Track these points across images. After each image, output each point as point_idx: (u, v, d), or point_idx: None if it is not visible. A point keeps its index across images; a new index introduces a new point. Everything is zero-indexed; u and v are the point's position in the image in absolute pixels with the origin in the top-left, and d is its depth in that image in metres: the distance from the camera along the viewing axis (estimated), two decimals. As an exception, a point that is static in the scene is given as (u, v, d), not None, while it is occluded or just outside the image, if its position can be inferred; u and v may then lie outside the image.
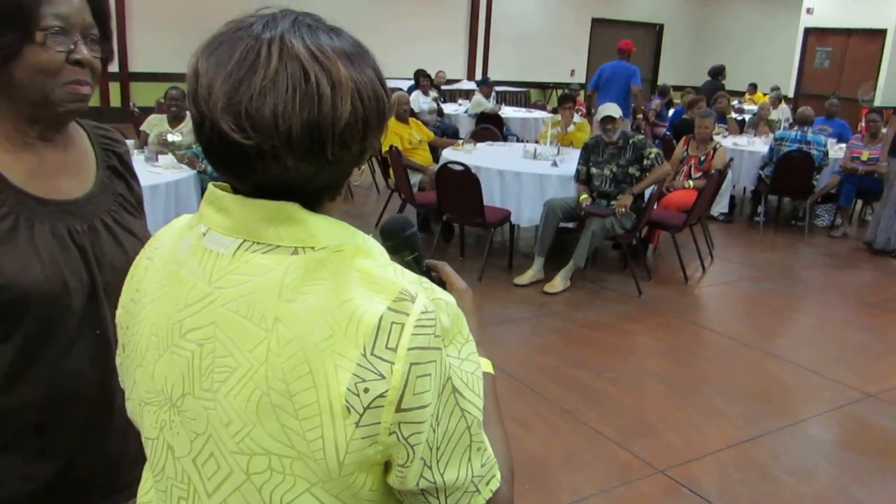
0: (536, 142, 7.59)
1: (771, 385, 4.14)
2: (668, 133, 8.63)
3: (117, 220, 1.25)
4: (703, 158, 6.61)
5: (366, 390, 0.73)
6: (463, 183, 5.35)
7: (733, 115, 10.79)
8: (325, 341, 0.74)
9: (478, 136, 7.87)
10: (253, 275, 0.78)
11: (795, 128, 7.48)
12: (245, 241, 0.79)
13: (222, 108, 0.74)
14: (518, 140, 9.50)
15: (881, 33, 14.91)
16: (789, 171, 7.17)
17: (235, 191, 0.81)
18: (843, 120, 9.33)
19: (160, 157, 5.15)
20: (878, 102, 13.88)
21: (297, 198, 0.79)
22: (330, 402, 0.73)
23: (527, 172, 5.79)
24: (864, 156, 7.42)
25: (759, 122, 9.33)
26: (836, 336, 5.02)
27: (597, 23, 17.30)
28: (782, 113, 12.71)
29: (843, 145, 8.03)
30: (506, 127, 9.88)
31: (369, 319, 0.74)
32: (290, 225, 0.78)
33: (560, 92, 15.94)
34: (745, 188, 8.42)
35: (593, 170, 5.55)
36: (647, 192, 5.55)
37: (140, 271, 0.92)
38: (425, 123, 9.83)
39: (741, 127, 9.92)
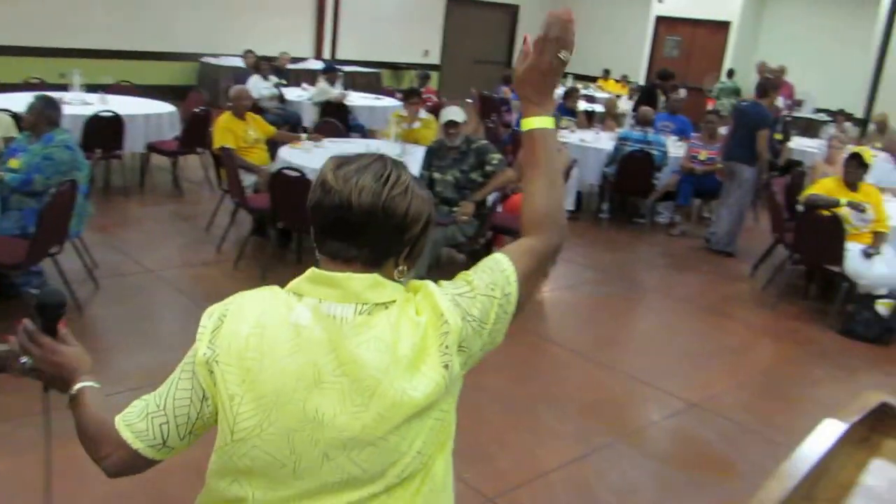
0: (377, 135, 7.63)
1: (603, 398, 4.43)
2: (517, 128, 8.90)
3: None
4: (547, 160, 6.89)
5: (445, 346, 1.29)
6: (299, 189, 5.32)
7: (584, 104, 11.30)
8: (417, 345, 1.27)
9: (321, 130, 7.82)
10: (370, 326, 1.27)
11: (637, 128, 7.94)
12: (357, 304, 1.28)
13: (373, 199, 1.29)
14: (364, 133, 9.53)
15: (725, 25, 16.03)
16: (631, 171, 7.62)
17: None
18: (685, 116, 9.97)
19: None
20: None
21: (378, 271, 1.31)
22: (439, 373, 1.28)
23: (367, 176, 5.82)
24: (703, 155, 7.99)
25: (606, 117, 9.82)
26: (667, 342, 5.42)
27: (452, 2, 17.53)
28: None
29: (684, 143, 8.61)
30: (352, 115, 9.85)
31: (453, 319, 1.31)
32: (380, 289, 1.30)
33: (414, 73, 16.09)
34: (591, 184, 8.85)
35: (436, 175, 5.67)
36: (491, 198, 5.73)
37: (246, 340, 1.28)
38: (265, 111, 9.68)
39: (590, 119, 10.41)
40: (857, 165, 5.93)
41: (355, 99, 10.72)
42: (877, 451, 1.55)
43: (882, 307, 5.72)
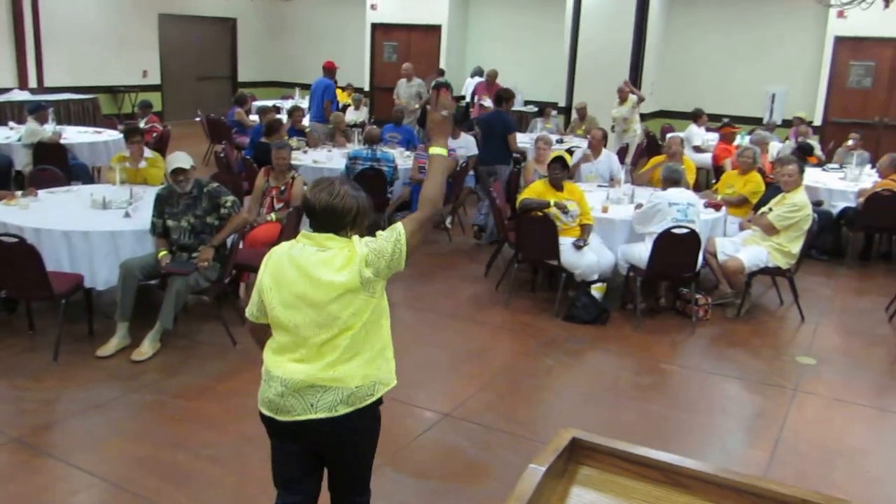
0: (101, 175, 7.26)
1: (364, 423, 4.63)
2: (247, 155, 8.85)
3: None
4: (283, 188, 6.97)
5: (359, 263, 2.60)
6: (19, 256, 4.99)
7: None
8: (343, 263, 2.60)
9: (39, 177, 7.29)
10: (322, 254, 2.62)
11: (366, 146, 8.26)
12: (317, 246, 2.63)
13: (326, 202, 2.61)
14: (87, 173, 9.02)
15: (437, 28, 16.93)
16: (365, 188, 7.80)
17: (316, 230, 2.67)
18: (410, 126, 10.49)
19: None
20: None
21: (336, 232, 2.65)
22: (356, 274, 2.59)
23: (96, 231, 5.56)
24: (429, 165, 8.48)
25: (336, 133, 10.04)
26: (418, 356, 5.73)
27: (164, 19, 16.86)
28: (363, 114, 13.80)
29: (411, 153, 9.07)
30: (71, 154, 9.23)
31: (361, 252, 2.62)
32: (331, 240, 2.63)
33: (135, 97, 15.32)
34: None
35: (170, 222, 5.55)
36: (230, 240, 5.72)
37: (276, 265, 2.68)
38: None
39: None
40: (559, 168, 6.64)
41: (72, 135, 10.04)
42: (574, 480, 1.87)
43: (596, 291, 6.49)
